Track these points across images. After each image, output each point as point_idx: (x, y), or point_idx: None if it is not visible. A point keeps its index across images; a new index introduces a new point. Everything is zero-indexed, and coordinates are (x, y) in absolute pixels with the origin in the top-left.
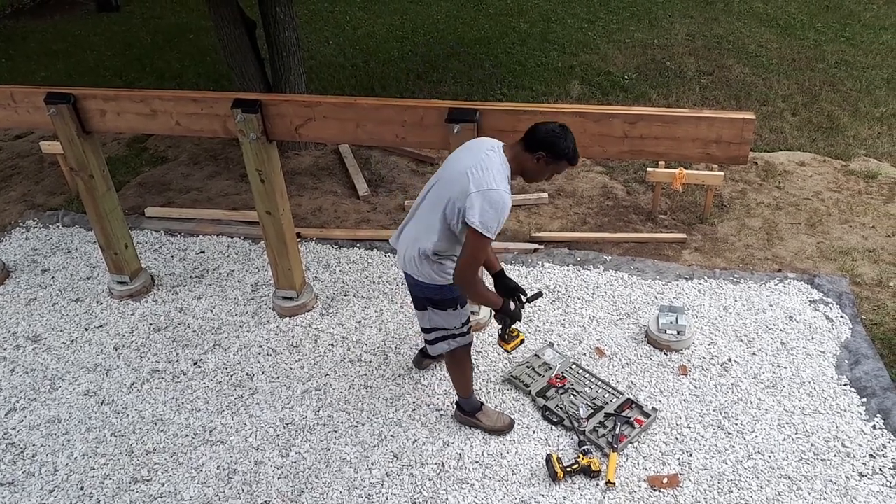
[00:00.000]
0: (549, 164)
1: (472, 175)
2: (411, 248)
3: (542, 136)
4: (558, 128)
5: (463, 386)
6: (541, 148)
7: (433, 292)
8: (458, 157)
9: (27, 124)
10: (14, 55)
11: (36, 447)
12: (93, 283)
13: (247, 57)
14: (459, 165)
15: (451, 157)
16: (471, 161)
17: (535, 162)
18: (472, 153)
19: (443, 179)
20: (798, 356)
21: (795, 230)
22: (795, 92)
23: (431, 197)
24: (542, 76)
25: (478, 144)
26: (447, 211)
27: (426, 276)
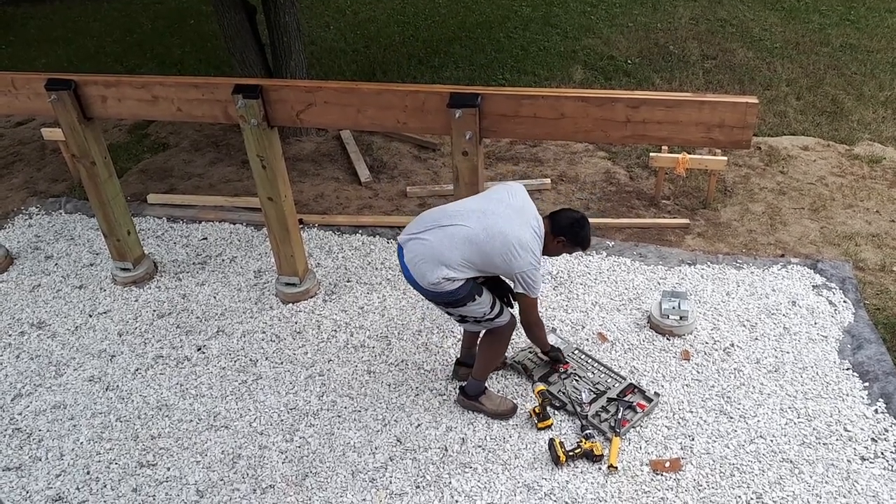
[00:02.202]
0: (565, 247)
1: (522, 254)
2: (429, 266)
3: (566, 223)
4: (581, 218)
5: (486, 366)
6: (563, 234)
7: (445, 297)
8: (510, 220)
9: (28, 111)
10: (14, 41)
11: (42, 432)
12: (96, 270)
13: (247, 42)
14: (512, 232)
15: (501, 208)
16: (521, 235)
17: (556, 243)
18: (522, 224)
19: (491, 229)
20: (801, 341)
21: (799, 215)
22: (799, 76)
23: (470, 234)
24: (544, 60)
25: (528, 212)
26: (490, 264)
27: (436, 287)
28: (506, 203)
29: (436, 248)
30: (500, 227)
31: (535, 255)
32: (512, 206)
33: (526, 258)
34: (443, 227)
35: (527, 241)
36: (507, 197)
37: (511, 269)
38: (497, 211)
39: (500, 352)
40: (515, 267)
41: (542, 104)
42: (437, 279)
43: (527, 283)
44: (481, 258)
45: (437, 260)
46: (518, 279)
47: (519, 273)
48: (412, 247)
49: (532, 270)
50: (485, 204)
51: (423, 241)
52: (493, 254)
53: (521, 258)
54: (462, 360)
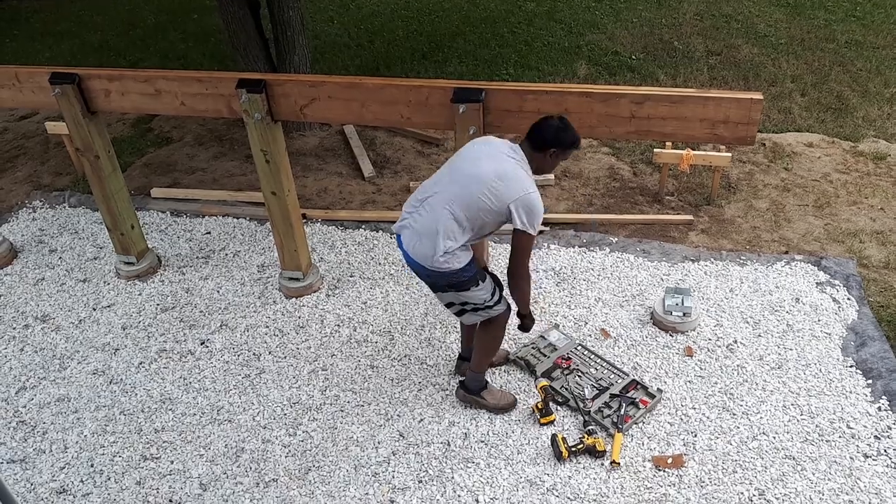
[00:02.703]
0: (560, 156)
1: (506, 183)
2: (426, 243)
3: (550, 134)
4: (559, 122)
5: (485, 358)
6: (552, 146)
7: (450, 277)
8: (478, 161)
9: (32, 104)
10: (18, 35)
11: (46, 425)
12: (100, 264)
13: (251, 37)
14: (483, 170)
15: (467, 158)
16: (497, 167)
17: (549, 157)
18: (493, 158)
19: (463, 178)
20: (804, 338)
21: (803, 212)
22: (804, 72)
23: (448, 194)
24: (548, 56)
25: (494, 148)
26: (478, 211)
27: (440, 265)
28: (471, 153)
29: (427, 223)
30: (471, 171)
31: (523, 180)
32: (478, 151)
33: (513, 186)
34: (424, 200)
35: (506, 171)
36: (472, 147)
37: (504, 202)
38: (464, 163)
39: (497, 342)
40: (507, 198)
41: (546, 99)
42: (439, 253)
43: (526, 212)
44: (469, 210)
45: (432, 234)
46: (514, 212)
47: (513, 203)
48: (406, 232)
49: (526, 196)
50: (452, 163)
51: (413, 221)
52: (478, 198)
53: (508, 187)
54: (463, 356)
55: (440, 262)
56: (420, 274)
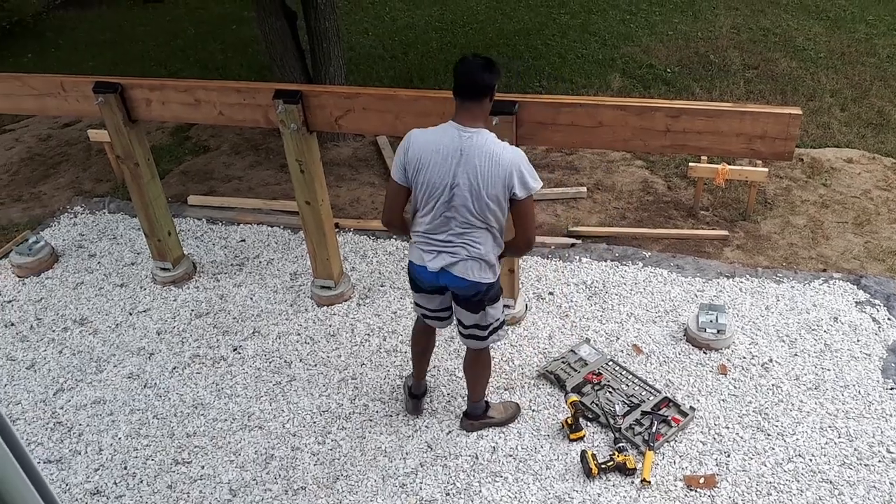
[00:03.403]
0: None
1: (491, 164)
2: (472, 263)
3: (482, 72)
4: (481, 60)
5: (483, 385)
6: (492, 83)
7: (491, 288)
8: (444, 167)
9: (76, 112)
10: (63, 45)
11: (82, 427)
12: (137, 269)
13: (287, 48)
14: (463, 171)
15: (430, 170)
16: (472, 161)
17: (489, 102)
18: (459, 154)
19: (459, 192)
20: (842, 358)
21: (842, 229)
22: (844, 87)
23: (456, 211)
24: (582, 68)
25: (447, 142)
26: (492, 210)
27: (493, 274)
28: (432, 162)
29: (470, 246)
30: (466, 187)
31: (499, 146)
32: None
33: (499, 156)
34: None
35: (482, 148)
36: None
37: (499, 182)
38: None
39: (489, 366)
40: (502, 172)
41: (580, 112)
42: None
43: (520, 178)
44: (492, 213)
45: (480, 251)
46: (515, 179)
47: (511, 172)
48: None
49: (516, 158)
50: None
51: (455, 249)
52: (490, 201)
53: (496, 161)
54: (416, 393)
55: (496, 270)
56: (464, 297)
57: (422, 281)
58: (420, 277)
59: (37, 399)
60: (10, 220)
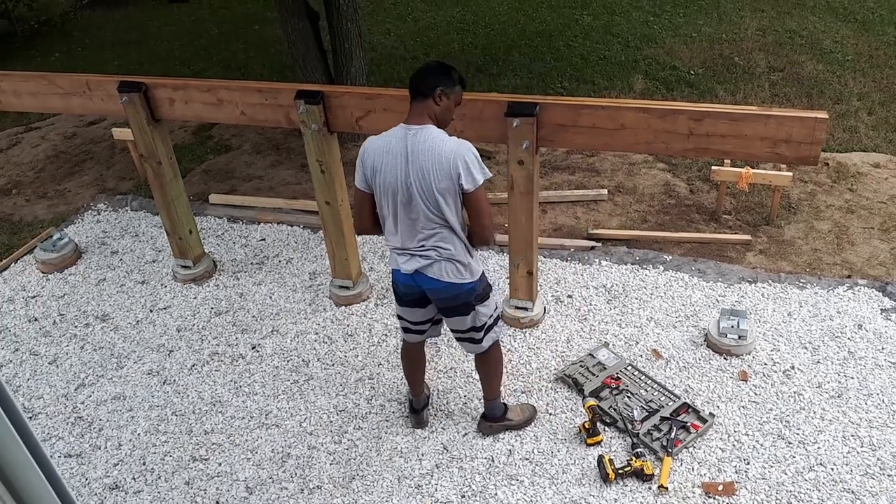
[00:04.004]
0: (450, 97)
1: (436, 158)
2: (445, 265)
3: (429, 76)
4: (434, 63)
5: (496, 383)
6: (435, 85)
7: (477, 287)
8: (395, 167)
9: (101, 111)
10: (89, 44)
11: (102, 422)
12: (158, 266)
13: (309, 48)
14: (413, 168)
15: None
16: (418, 157)
17: (438, 102)
18: (407, 152)
19: (413, 190)
20: (866, 366)
21: (868, 235)
22: (872, 90)
23: (419, 215)
24: (604, 70)
25: (394, 143)
26: (448, 205)
27: (471, 274)
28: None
29: (435, 246)
30: (413, 190)
31: (443, 138)
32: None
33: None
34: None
35: (417, 151)
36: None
37: (448, 174)
38: (393, 182)
39: (501, 362)
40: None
41: (601, 115)
42: (465, 259)
43: (466, 164)
44: (440, 211)
45: (446, 250)
46: (462, 174)
47: (454, 163)
48: (433, 268)
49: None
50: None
51: (422, 254)
52: (441, 195)
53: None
54: (416, 408)
55: (473, 269)
56: (453, 295)
57: (400, 287)
58: (398, 282)
59: (58, 394)
60: (36, 216)
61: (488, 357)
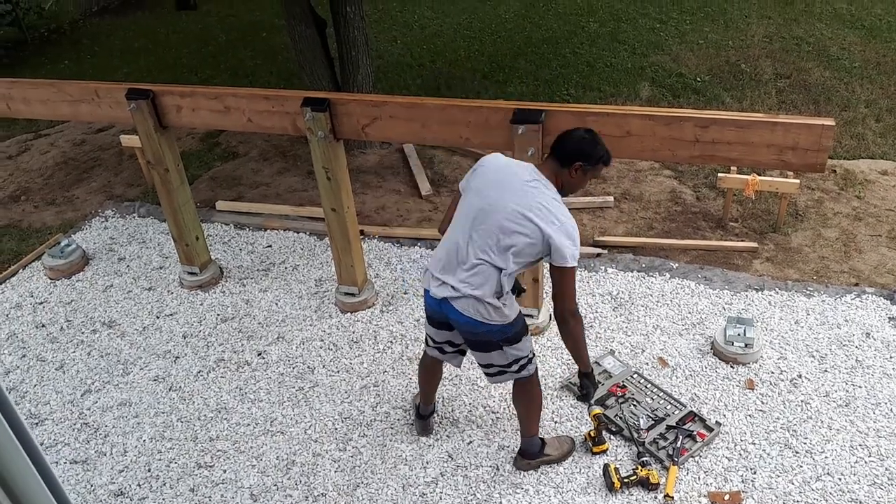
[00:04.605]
0: (586, 173)
1: (538, 217)
2: (471, 300)
3: (574, 147)
4: (586, 133)
5: (535, 419)
6: (577, 159)
7: (509, 330)
8: (500, 195)
9: (109, 119)
10: (98, 52)
11: (108, 428)
12: (165, 273)
13: (317, 55)
14: (509, 205)
15: (486, 196)
16: (522, 199)
17: (573, 174)
18: (513, 191)
19: (490, 221)
20: (874, 375)
21: (875, 243)
22: (880, 97)
23: (482, 244)
24: (610, 77)
25: (512, 175)
26: (516, 254)
27: (498, 318)
28: (488, 187)
29: (475, 281)
30: (497, 218)
31: (552, 208)
32: (494, 182)
33: (543, 217)
34: (458, 257)
35: (531, 203)
36: (483, 179)
37: (538, 237)
38: (485, 203)
39: (540, 397)
40: (540, 232)
41: (607, 121)
42: (498, 304)
43: (561, 244)
44: (506, 255)
45: (485, 289)
46: (552, 247)
47: (548, 238)
48: (460, 302)
49: (560, 227)
50: (470, 208)
51: (457, 283)
52: (513, 244)
53: (540, 219)
54: (423, 414)
55: (504, 315)
56: (473, 332)
57: (428, 308)
58: (427, 304)
59: (65, 400)
60: (44, 223)
61: (524, 393)
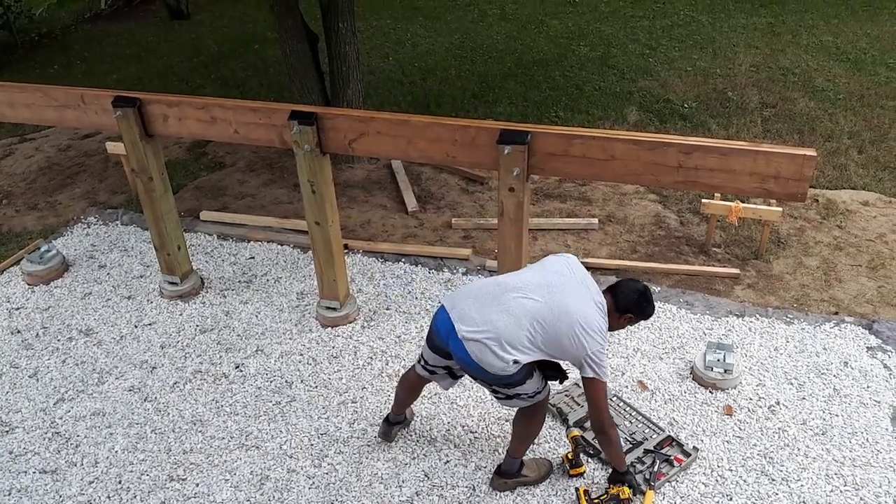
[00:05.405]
0: (631, 322)
1: (589, 333)
2: (488, 347)
3: (633, 299)
4: (645, 289)
5: (525, 444)
6: (630, 311)
7: (505, 379)
8: (571, 291)
9: (95, 125)
10: (89, 58)
11: (80, 438)
12: (145, 282)
13: (308, 70)
14: (575, 309)
15: (559, 277)
16: (585, 311)
17: (622, 320)
18: (584, 300)
19: (555, 306)
20: (851, 404)
21: (855, 272)
22: (863, 129)
23: (533, 305)
24: (599, 100)
25: (588, 287)
26: (555, 345)
27: (498, 370)
28: (567, 276)
29: (501, 332)
30: (566, 305)
31: (603, 334)
32: (574, 279)
33: (595, 339)
34: (503, 303)
35: (592, 321)
36: (567, 270)
37: (579, 352)
38: (560, 285)
39: (539, 426)
40: (586, 349)
41: (592, 145)
42: (509, 364)
43: (597, 364)
44: (548, 339)
45: (504, 344)
46: (587, 362)
47: (588, 356)
48: (473, 346)
49: (600, 350)
50: (547, 277)
51: (478, 314)
52: (561, 335)
53: (591, 339)
54: (392, 420)
55: (508, 371)
56: (470, 370)
57: (436, 332)
58: (437, 324)
59: (37, 408)
60: (25, 227)
61: (526, 417)
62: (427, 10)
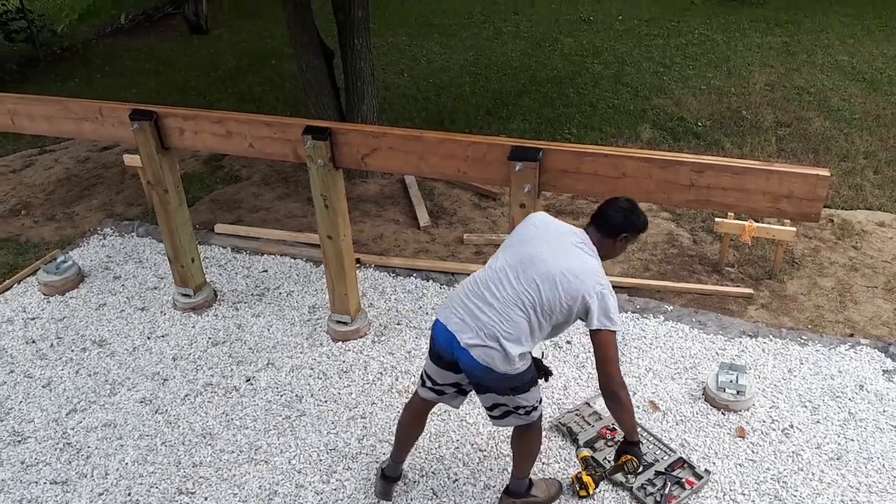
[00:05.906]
0: (628, 241)
1: (580, 279)
2: (491, 348)
3: (621, 220)
4: (628, 204)
5: (528, 463)
6: (623, 230)
7: (516, 380)
8: (546, 255)
9: (112, 138)
10: (109, 71)
11: (91, 449)
12: (159, 294)
13: (323, 85)
14: (554, 266)
15: (531, 250)
16: (567, 261)
17: (617, 244)
18: (561, 251)
19: (535, 277)
20: (867, 429)
21: (871, 294)
22: (879, 149)
23: (519, 295)
24: (612, 118)
25: (559, 234)
26: (552, 313)
27: (509, 369)
28: (537, 239)
29: (495, 329)
30: (544, 271)
31: (594, 272)
32: (545, 237)
33: (585, 280)
34: (486, 301)
35: (576, 265)
36: (534, 232)
37: (579, 304)
38: (531, 254)
39: (538, 441)
40: (581, 293)
41: (603, 162)
42: (515, 357)
43: (601, 309)
44: (543, 313)
45: (508, 338)
46: (589, 308)
47: (587, 300)
48: (477, 352)
49: (600, 292)
50: (518, 252)
51: (475, 322)
52: (552, 301)
53: (581, 282)
54: (389, 475)
55: (518, 367)
56: (480, 376)
57: (438, 345)
58: (437, 337)
59: (49, 418)
60: (42, 238)
61: (523, 438)
62: (442, 28)
